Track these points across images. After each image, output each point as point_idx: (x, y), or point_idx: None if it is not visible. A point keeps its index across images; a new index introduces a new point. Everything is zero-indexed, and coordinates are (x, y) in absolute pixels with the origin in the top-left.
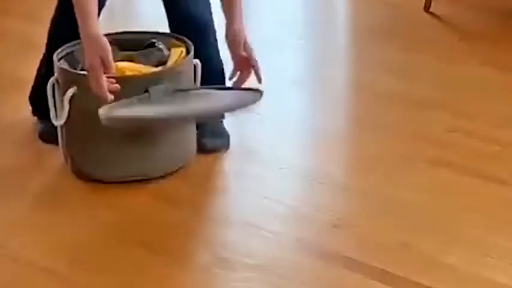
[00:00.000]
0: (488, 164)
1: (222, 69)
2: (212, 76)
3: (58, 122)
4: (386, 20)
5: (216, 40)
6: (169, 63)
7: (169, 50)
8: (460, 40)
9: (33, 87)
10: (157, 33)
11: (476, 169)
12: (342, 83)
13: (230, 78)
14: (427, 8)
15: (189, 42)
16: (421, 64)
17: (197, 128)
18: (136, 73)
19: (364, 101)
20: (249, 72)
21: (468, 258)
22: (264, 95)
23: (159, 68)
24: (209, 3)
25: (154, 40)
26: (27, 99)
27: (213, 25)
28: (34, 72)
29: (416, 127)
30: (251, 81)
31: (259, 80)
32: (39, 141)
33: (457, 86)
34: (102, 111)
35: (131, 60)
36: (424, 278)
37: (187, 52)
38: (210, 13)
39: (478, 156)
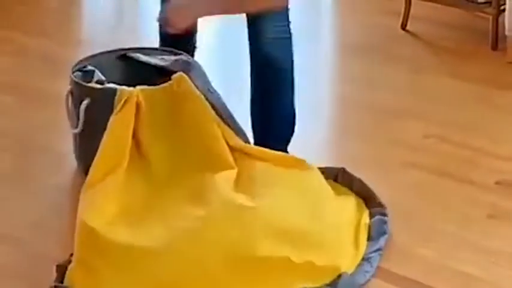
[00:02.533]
0: (459, 167)
1: (293, 120)
2: (280, 125)
3: (75, 130)
4: (367, 36)
5: (292, 89)
6: None
7: None
8: (438, 56)
9: None
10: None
11: (448, 171)
12: (327, 93)
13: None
14: (403, 25)
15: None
16: (398, 76)
17: None
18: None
19: (347, 110)
20: None
21: (441, 251)
22: None
23: None
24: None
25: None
26: (45, 108)
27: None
28: (52, 85)
29: (395, 133)
30: None
31: None
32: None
33: (431, 96)
34: None
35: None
36: (399, 269)
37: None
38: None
39: (451, 159)
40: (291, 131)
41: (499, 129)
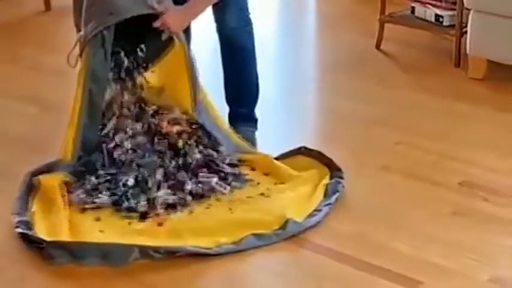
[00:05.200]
0: (427, 170)
1: (257, 88)
2: (247, 94)
3: None
4: (346, 56)
5: (254, 63)
6: None
7: None
8: (408, 72)
9: None
10: None
11: (417, 174)
12: (311, 105)
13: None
14: (377, 45)
15: None
16: (373, 90)
17: None
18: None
19: (328, 120)
20: None
21: (412, 244)
22: None
23: None
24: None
25: None
26: (61, 117)
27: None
28: (67, 96)
29: (370, 140)
30: None
31: None
32: None
33: (402, 107)
34: None
35: None
36: (376, 260)
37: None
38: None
39: (419, 163)
40: (256, 97)
41: (461, 136)
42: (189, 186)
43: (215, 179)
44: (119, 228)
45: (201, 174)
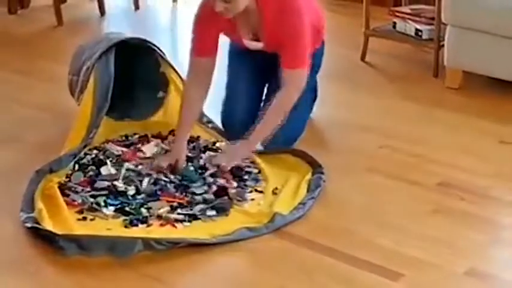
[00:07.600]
0: (408, 171)
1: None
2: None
3: None
4: (333, 66)
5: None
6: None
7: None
8: (391, 82)
9: None
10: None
11: (399, 175)
12: None
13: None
14: (363, 57)
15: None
16: (359, 99)
17: None
18: None
19: (318, 125)
20: None
21: (396, 240)
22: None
23: None
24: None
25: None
26: (72, 125)
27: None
28: (76, 105)
29: (356, 144)
30: None
31: None
32: None
33: (385, 114)
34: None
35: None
36: (361, 254)
37: None
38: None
39: (401, 165)
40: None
41: (439, 140)
42: (199, 191)
43: (235, 184)
44: (122, 227)
45: (221, 181)
